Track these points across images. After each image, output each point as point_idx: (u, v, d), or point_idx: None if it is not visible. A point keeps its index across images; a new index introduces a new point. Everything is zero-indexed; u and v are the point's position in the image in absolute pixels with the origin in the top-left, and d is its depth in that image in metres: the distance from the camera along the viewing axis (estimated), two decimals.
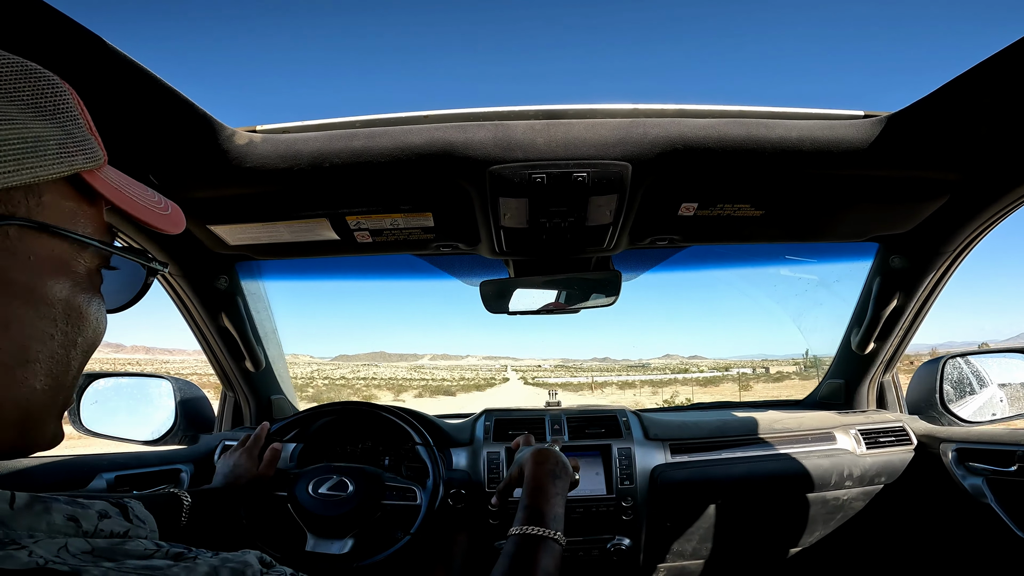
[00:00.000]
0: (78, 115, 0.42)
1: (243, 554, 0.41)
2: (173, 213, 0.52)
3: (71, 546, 0.34)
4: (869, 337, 1.52)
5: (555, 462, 0.85)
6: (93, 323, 0.43)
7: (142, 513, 0.48)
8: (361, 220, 1.16)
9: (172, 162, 0.94)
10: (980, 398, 1.63)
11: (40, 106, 0.39)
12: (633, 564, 1.37)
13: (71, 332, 0.41)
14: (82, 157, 0.41)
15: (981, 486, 1.27)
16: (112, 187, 0.44)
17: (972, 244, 1.26)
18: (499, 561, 0.71)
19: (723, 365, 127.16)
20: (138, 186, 0.50)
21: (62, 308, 0.40)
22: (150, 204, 0.49)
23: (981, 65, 0.79)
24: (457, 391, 64.59)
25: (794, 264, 1.67)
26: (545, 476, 0.82)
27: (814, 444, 1.44)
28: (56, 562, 0.32)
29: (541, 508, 0.77)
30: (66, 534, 0.36)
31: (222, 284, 1.42)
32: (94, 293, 0.44)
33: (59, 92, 0.41)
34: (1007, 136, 0.92)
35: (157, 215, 0.49)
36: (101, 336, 0.45)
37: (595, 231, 1.18)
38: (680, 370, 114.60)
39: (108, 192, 0.43)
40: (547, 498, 0.79)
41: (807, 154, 0.99)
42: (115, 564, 0.34)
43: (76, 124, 0.41)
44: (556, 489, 0.81)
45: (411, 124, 0.99)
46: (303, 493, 1.12)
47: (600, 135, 0.96)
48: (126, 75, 0.74)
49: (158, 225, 0.48)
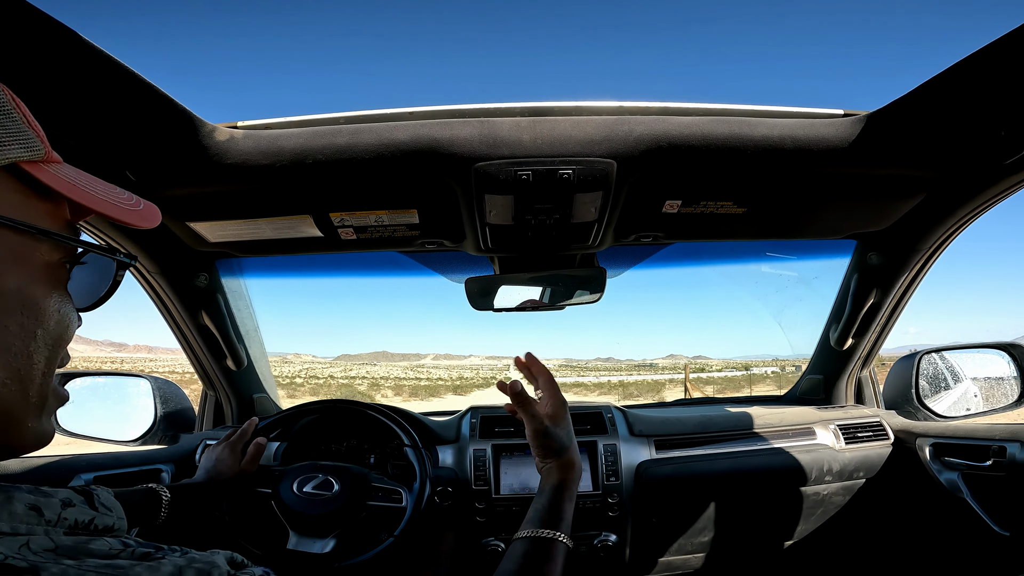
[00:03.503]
0: (12, 110, 0.42)
1: (212, 554, 0.40)
2: (145, 209, 0.52)
3: (32, 543, 0.33)
4: (847, 333, 1.55)
5: (579, 471, 0.86)
6: (55, 316, 0.43)
7: (108, 501, 0.47)
8: (345, 217, 1.15)
9: (151, 158, 0.92)
10: (954, 393, 1.67)
11: None
12: (619, 560, 1.38)
13: (28, 323, 0.40)
14: (19, 148, 0.41)
15: (957, 481, 1.30)
16: (66, 182, 0.44)
17: (947, 242, 1.29)
18: (518, 562, 0.71)
19: (742, 364, 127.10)
20: (103, 184, 0.49)
21: (15, 300, 0.39)
22: (116, 200, 0.49)
23: (958, 65, 0.81)
24: (445, 392, 63.91)
25: (775, 261, 1.70)
26: (572, 485, 0.83)
27: (795, 439, 1.47)
28: (16, 558, 0.31)
29: (562, 513, 0.78)
30: (28, 523, 0.35)
31: (202, 282, 1.40)
32: (54, 287, 0.43)
33: None
34: (982, 135, 0.95)
35: (123, 209, 0.48)
36: (67, 331, 0.45)
37: (580, 228, 1.18)
38: (697, 369, 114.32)
39: (60, 186, 0.43)
40: (567, 505, 0.80)
41: (788, 152, 1.00)
42: (76, 562, 0.33)
43: (10, 118, 0.41)
44: (572, 494, 0.82)
45: (396, 120, 0.98)
46: (287, 491, 1.11)
47: (585, 132, 0.97)
48: (103, 71, 0.73)
49: (125, 219, 0.48)
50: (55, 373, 0.45)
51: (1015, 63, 0.77)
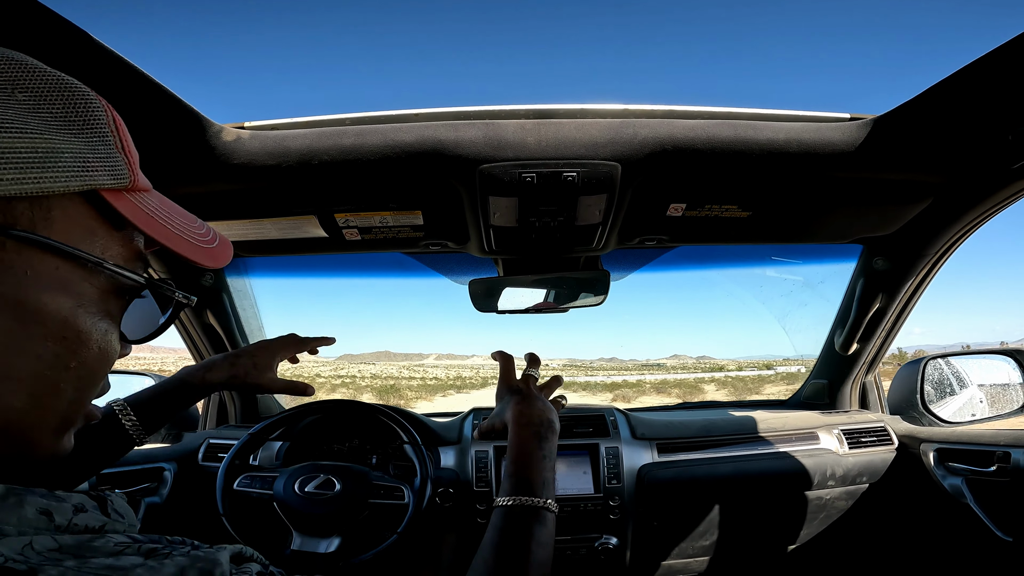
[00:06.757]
0: (108, 133, 0.40)
1: (217, 551, 0.39)
2: (219, 247, 0.50)
3: (36, 543, 0.33)
4: (852, 338, 1.54)
5: (540, 421, 0.77)
6: (95, 350, 0.41)
7: (121, 507, 0.47)
8: (350, 218, 1.15)
9: (158, 158, 0.93)
10: (960, 399, 1.66)
11: (67, 120, 0.38)
12: (620, 563, 1.38)
13: (64, 354, 0.38)
14: (104, 176, 0.39)
15: (961, 486, 1.30)
16: (143, 213, 0.43)
17: (954, 247, 1.28)
18: (487, 536, 0.65)
19: (763, 363, 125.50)
20: (182, 217, 0.48)
21: (56, 328, 0.38)
22: (191, 236, 0.47)
23: (965, 69, 0.80)
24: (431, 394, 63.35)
25: (780, 265, 1.69)
26: (530, 439, 0.75)
27: (798, 444, 1.46)
28: (16, 560, 0.31)
29: (528, 476, 0.71)
30: (37, 528, 0.35)
31: (207, 281, 1.41)
32: (103, 317, 0.41)
33: (92, 108, 0.40)
34: (991, 139, 0.94)
35: (193, 246, 0.47)
36: (105, 365, 0.43)
37: (584, 231, 1.18)
38: (714, 368, 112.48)
39: (136, 217, 0.42)
40: (534, 464, 0.72)
41: (794, 156, 1.00)
42: (78, 562, 0.32)
43: (104, 141, 0.40)
44: (543, 452, 0.74)
45: (401, 122, 0.98)
46: (289, 491, 1.11)
47: (590, 135, 0.97)
48: (111, 70, 0.73)
49: (195, 258, 0.46)
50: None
51: (1022, 67, 0.77)
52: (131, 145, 0.43)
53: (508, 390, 0.88)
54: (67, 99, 0.38)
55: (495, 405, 0.89)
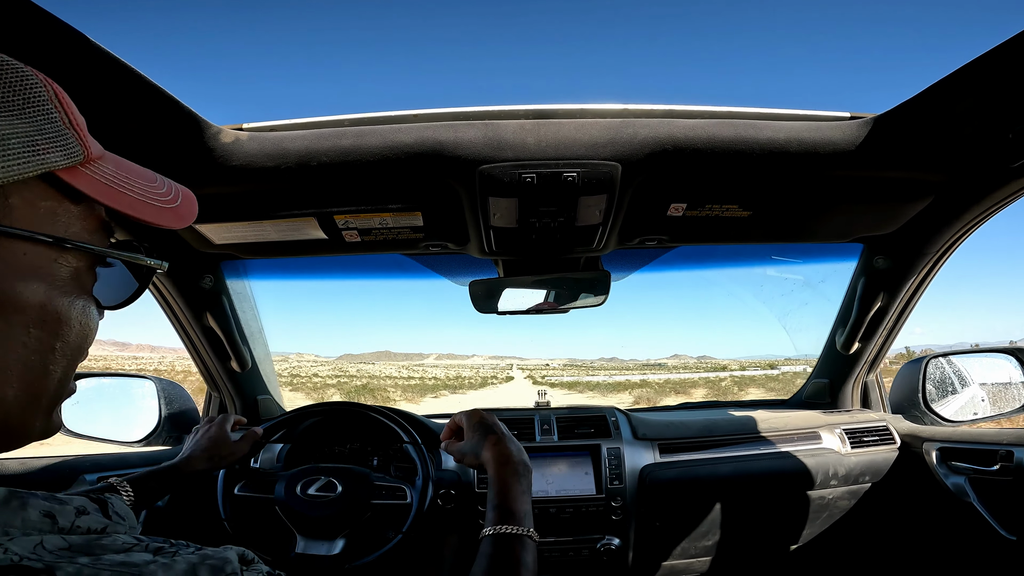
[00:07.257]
0: (53, 109, 0.39)
1: (224, 550, 0.40)
2: (182, 204, 0.50)
3: (47, 543, 0.33)
4: (853, 337, 1.54)
5: (518, 460, 0.85)
6: (76, 327, 0.41)
7: (122, 510, 0.47)
8: (349, 219, 1.15)
9: (156, 160, 0.92)
10: (961, 397, 1.66)
11: (7, 103, 0.36)
12: (622, 564, 1.38)
13: (47, 338, 0.39)
14: (57, 154, 0.38)
15: (964, 485, 1.29)
16: (101, 184, 0.42)
17: (955, 245, 1.28)
18: (478, 562, 0.70)
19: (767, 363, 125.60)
20: (141, 177, 0.48)
21: (36, 314, 0.38)
22: (152, 198, 0.47)
23: (965, 67, 0.80)
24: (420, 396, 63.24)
25: (781, 264, 1.69)
26: (511, 476, 0.81)
27: (800, 443, 1.46)
28: (31, 559, 0.31)
29: (512, 508, 0.76)
30: (41, 530, 0.35)
31: (207, 283, 1.40)
32: (79, 294, 0.42)
33: (30, 85, 0.38)
34: (991, 137, 0.94)
35: (156, 209, 0.47)
36: (87, 339, 0.44)
37: (584, 231, 1.18)
38: (717, 368, 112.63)
39: (94, 190, 0.41)
40: (517, 497, 0.78)
41: (794, 155, 1.00)
42: (91, 559, 0.33)
43: (50, 119, 0.39)
44: (522, 487, 0.81)
45: (400, 123, 0.98)
46: (291, 494, 1.11)
47: (590, 135, 0.96)
48: (108, 72, 0.73)
49: (158, 221, 0.46)
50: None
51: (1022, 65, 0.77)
52: (77, 116, 0.42)
53: (481, 427, 0.90)
54: (3, 81, 0.37)
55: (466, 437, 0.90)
